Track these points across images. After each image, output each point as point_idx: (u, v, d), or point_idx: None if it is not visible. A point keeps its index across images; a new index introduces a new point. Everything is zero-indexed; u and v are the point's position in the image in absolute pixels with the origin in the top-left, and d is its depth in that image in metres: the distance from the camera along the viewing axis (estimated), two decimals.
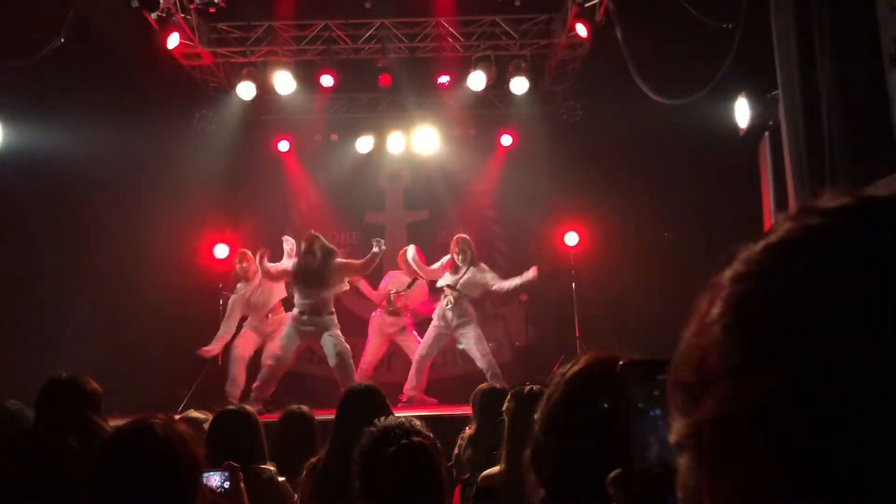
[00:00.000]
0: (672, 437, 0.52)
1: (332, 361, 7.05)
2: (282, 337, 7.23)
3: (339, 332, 7.12)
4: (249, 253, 7.69)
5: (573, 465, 1.07)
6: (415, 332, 7.90)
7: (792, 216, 0.51)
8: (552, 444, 1.09)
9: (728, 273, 0.52)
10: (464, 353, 7.85)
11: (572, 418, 1.08)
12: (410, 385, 7.46)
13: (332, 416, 3.23)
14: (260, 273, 7.47)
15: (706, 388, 0.49)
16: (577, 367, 1.17)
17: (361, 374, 7.32)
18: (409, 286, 7.88)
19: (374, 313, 7.98)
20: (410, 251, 7.64)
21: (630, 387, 0.71)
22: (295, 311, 7.21)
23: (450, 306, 7.40)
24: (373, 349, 7.81)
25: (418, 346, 7.63)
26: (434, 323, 7.53)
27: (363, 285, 7.97)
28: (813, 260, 0.47)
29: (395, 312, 7.86)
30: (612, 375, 1.10)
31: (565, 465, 1.08)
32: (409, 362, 7.72)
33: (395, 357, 8.48)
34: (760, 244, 0.51)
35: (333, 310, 7.24)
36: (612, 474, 0.75)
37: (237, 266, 7.77)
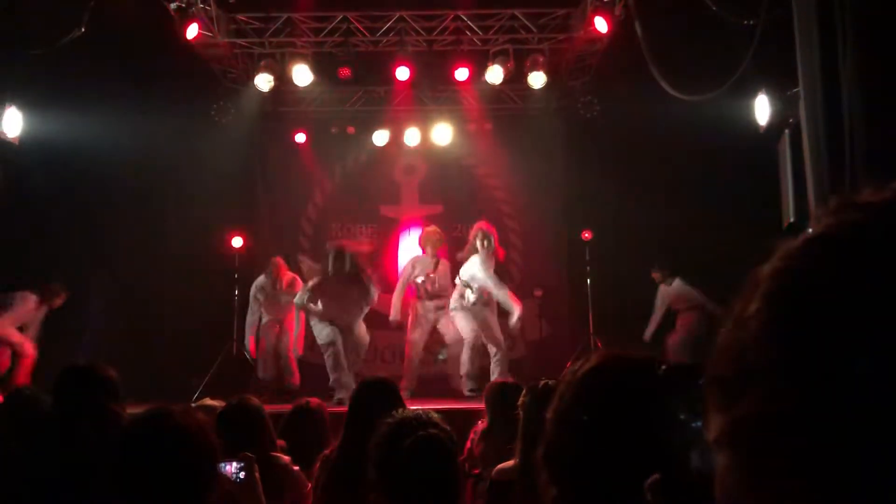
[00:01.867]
0: (709, 435, 0.51)
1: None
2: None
3: None
4: (283, 264, 7.85)
5: (586, 464, 1.05)
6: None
7: (832, 210, 0.50)
8: (564, 443, 1.08)
9: (767, 268, 0.50)
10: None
11: (585, 418, 1.07)
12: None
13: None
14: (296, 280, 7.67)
15: (744, 384, 0.48)
16: (589, 365, 1.15)
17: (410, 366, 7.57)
18: (436, 266, 7.81)
19: (412, 304, 7.84)
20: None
21: (672, 397, 0.70)
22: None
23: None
24: (418, 339, 7.73)
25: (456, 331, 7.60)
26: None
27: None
28: (854, 257, 0.46)
29: (435, 295, 7.76)
30: (625, 373, 1.09)
31: (578, 465, 1.07)
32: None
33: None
34: (800, 239, 0.50)
35: None
36: (650, 479, 0.74)
37: (267, 272, 7.89)
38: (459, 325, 7.40)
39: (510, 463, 2.84)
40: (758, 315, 0.49)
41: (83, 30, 6.56)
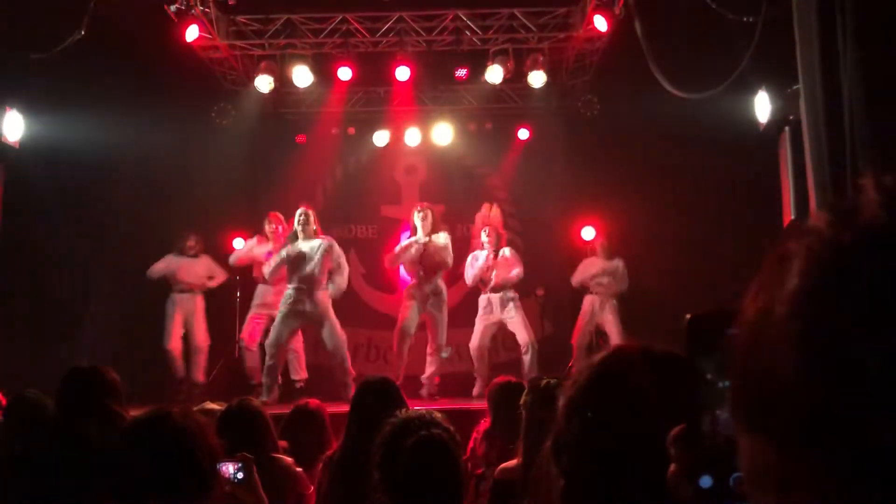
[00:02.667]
0: (736, 430, 0.48)
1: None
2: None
3: None
4: (280, 215, 7.73)
5: (596, 456, 1.04)
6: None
7: (882, 196, 0.43)
8: (575, 434, 1.06)
9: (801, 254, 0.44)
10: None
11: (598, 405, 1.05)
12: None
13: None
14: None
15: (777, 388, 0.43)
16: (604, 354, 1.13)
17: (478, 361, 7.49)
18: (496, 256, 7.69)
19: (480, 296, 7.80)
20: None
21: (698, 357, 0.67)
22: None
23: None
24: (480, 334, 7.66)
25: (525, 335, 7.56)
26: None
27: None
28: None
29: (497, 288, 7.67)
30: (639, 365, 1.07)
31: (588, 457, 1.05)
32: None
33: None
34: (849, 227, 0.43)
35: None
36: (674, 431, 0.71)
37: (266, 227, 7.79)
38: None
39: (513, 462, 2.84)
40: (794, 315, 0.43)
41: (83, 33, 6.56)
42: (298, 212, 7.24)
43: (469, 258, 7.79)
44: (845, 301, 0.41)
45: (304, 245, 7.11)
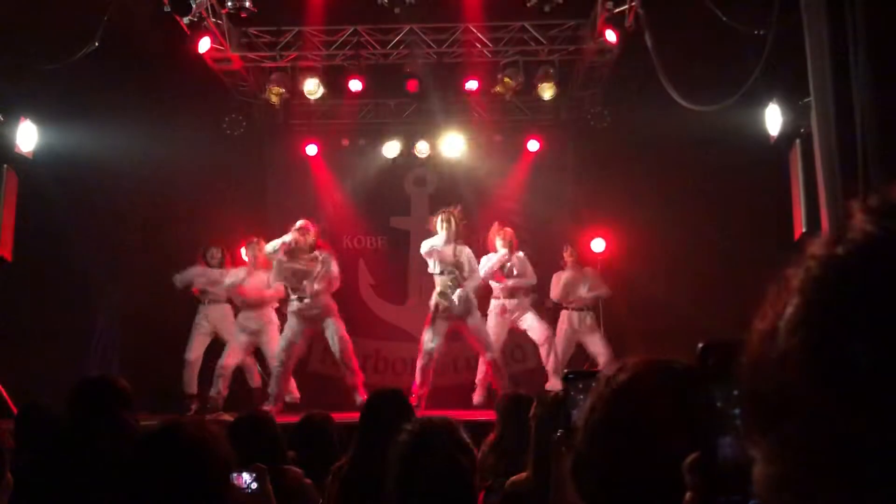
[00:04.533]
0: (752, 450, 0.48)
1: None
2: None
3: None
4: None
5: (617, 480, 1.00)
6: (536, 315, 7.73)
7: (872, 214, 0.44)
8: (595, 456, 1.02)
9: (802, 273, 0.45)
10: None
11: (621, 430, 1.01)
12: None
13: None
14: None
15: (786, 403, 0.44)
16: (625, 375, 1.06)
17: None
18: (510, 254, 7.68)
19: (492, 301, 7.77)
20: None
21: (711, 384, 0.67)
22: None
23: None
24: (498, 337, 7.60)
25: (541, 329, 7.53)
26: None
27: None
28: None
29: (511, 294, 7.68)
30: (662, 382, 1.04)
31: (609, 480, 1.01)
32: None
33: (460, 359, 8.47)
34: (841, 246, 0.44)
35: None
36: (689, 458, 0.71)
37: (248, 254, 7.74)
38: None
39: (523, 475, 2.82)
40: (796, 329, 0.44)
41: (97, 44, 6.62)
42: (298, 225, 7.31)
43: (483, 259, 7.74)
44: (842, 309, 0.42)
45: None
